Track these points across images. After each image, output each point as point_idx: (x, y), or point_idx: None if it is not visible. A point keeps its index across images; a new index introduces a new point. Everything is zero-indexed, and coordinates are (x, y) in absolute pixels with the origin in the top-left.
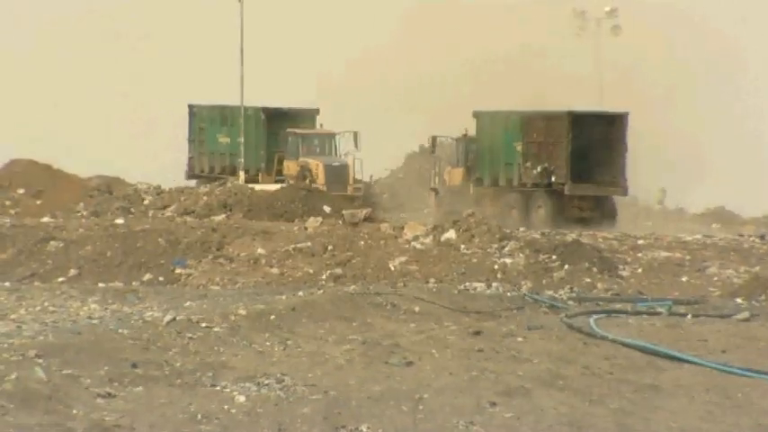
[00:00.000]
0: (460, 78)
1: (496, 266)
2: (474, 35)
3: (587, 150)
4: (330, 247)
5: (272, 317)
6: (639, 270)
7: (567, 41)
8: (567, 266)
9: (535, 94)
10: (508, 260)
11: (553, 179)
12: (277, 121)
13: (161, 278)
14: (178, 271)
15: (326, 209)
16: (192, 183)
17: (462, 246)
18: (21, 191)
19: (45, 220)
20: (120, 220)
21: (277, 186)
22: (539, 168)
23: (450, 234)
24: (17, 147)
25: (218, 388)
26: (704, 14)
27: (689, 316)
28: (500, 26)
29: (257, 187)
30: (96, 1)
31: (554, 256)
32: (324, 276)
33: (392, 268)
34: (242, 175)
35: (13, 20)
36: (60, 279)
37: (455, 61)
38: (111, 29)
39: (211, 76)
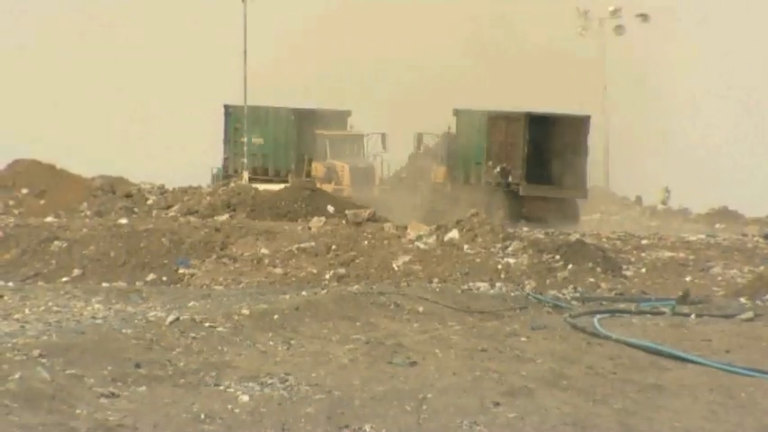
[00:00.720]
0: (459, 76)
1: (500, 266)
2: (475, 32)
3: (547, 152)
4: (334, 247)
5: (276, 316)
6: (643, 270)
7: (570, 41)
8: (570, 266)
9: (534, 94)
10: (511, 260)
11: (510, 179)
12: (307, 122)
13: (164, 278)
14: (181, 271)
15: (330, 208)
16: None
17: (465, 245)
18: (24, 191)
19: (49, 219)
20: (123, 220)
21: (281, 186)
22: (498, 168)
23: (454, 234)
24: (20, 147)
25: (221, 388)
26: (707, 13)
27: (692, 316)
28: (501, 25)
29: (261, 187)
30: (98, 0)
31: (557, 256)
32: (327, 276)
33: (395, 268)
34: (245, 175)
35: (14, 20)
36: (64, 279)
37: (455, 58)
38: (112, 28)
39: (213, 76)
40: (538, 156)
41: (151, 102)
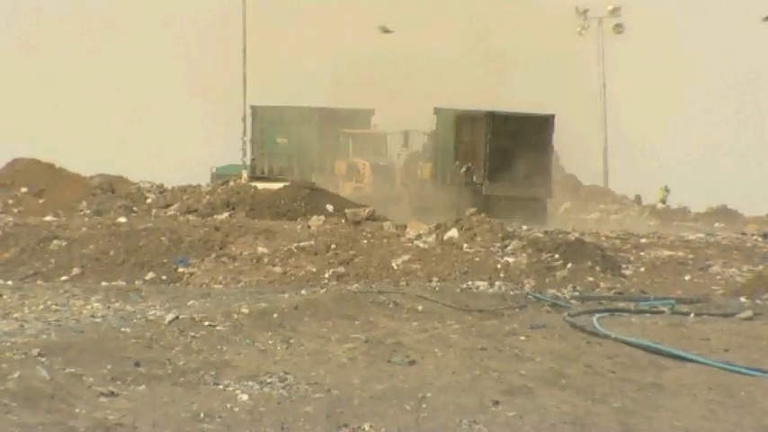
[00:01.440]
0: (460, 75)
1: (499, 265)
2: (475, 31)
3: (511, 151)
4: (333, 246)
5: (275, 315)
6: (642, 269)
7: (569, 40)
8: (569, 265)
9: (534, 93)
10: (511, 259)
11: (474, 178)
12: (331, 121)
13: (164, 277)
14: (181, 270)
15: (329, 207)
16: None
17: (465, 245)
18: (23, 189)
19: (48, 218)
20: (122, 219)
21: (280, 185)
22: (464, 167)
23: (453, 233)
24: (19, 146)
25: (220, 386)
26: (707, 12)
27: (692, 315)
28: (501, 24)
29: (260, 186)
30: (97, 0)
31: (557, 255)
32: (326, 275)
33: (395, 267)
34: (245, 174)
35: (14, 19)
36: (63, 278)
37: (455, 57)
38: (112, 27)
39: (213, 74)
40: (502, 155)
41: (150, 101)
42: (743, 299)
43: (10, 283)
